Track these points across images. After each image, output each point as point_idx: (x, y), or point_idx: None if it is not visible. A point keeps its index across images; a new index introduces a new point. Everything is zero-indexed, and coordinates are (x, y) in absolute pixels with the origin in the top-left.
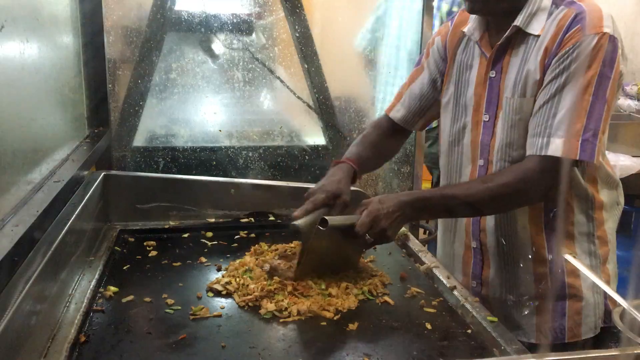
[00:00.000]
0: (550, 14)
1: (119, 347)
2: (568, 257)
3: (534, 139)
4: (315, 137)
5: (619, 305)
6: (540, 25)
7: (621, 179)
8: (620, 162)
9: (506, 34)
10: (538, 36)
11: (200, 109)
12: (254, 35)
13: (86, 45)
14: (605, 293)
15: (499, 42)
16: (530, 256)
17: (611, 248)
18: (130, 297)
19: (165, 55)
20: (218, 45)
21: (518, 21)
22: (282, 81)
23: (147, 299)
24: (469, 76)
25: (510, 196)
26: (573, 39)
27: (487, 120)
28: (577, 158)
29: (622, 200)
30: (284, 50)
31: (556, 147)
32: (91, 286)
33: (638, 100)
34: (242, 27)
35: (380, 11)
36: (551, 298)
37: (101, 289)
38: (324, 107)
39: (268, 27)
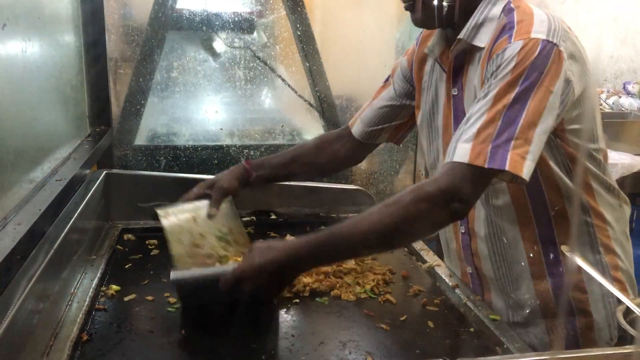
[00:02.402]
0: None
1: (121, 346)
2: (567, 253)
3: (449, 147)
4: (316, 135)
5: (623, 303)
6: (487, 36)
7: (622, 177)
8: (621, 161)
9: (452, 47)
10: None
11: (202, 108)
12: (255, 33)
13: (88, 43)
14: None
15: (451, 58)
16: (529, 275)
17: (622, 254)
18: (133, 296)
19: (167, 54)
20: (219, 43)
21: (462, 34)
22: (283, 80)
23: (149, 298)
24: (437, 96)
25: (413, 225)
26: (497, 49)
27: None
28: (486, 166)
29: (627, 208)
30: (285, 48)
31: (463, 152)
32: (93, 285)
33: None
34: (243, 25)
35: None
36: (559, 317)
37: (103, 288)
38: (326, 105)
39: (269, 26)
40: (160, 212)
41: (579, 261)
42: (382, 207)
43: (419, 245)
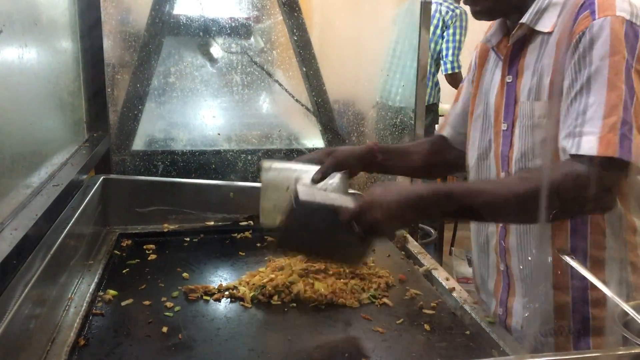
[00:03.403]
0: (562, 7)
1: (118, 351)
2: (565, 257)
3: (565, 142)
4: (313, 139)
5: (619, 306)
6: (552, 21)
7: None
8: None
9: (513, 32)
10: (550, 33)
11: (199, 113)
12: (252, 39)
13: (85, 49)
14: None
15: (510, 44)
16: (551, 283)
17: None
18: (130, 301)
19: (164, 60)
20: (216, 49)
21: (525, 18)
22: (280, 84)
23: (146, 303)
24: (492, 84)
25: (559, 198)
26: (582, 26)
27: (505, 129)
28: (617, 155)
29: None
30: (282, 53)
31: (591, 144)
32: (90, 290)
33: None
34: (240, 31)
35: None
36: (572, 332)
37: (100, 293)
38: (323, 110)
39: (266, 31)
40: (265, 164)
41: (575, 265)
42: (524, 174)
43: (416, 248)
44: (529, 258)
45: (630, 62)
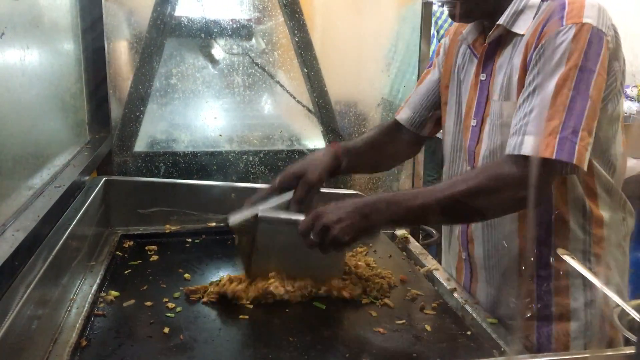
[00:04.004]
0: (538, 10)
1: (119, 351)
2: (566, 257)
3: (511, 139)
4: (315, 140)
5: (618, 305)
6: (527, 23)
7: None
8: None
9: (490, 33)
10: (523, 35)
11: (201, 114)
12: (253, 40)
13: (87, 51)
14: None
15: (486, 43)
16: (517, 272)
17: (615, 269)
18: (131, 302)
19: (166, 61)
20: (218, 50)
21: (502, 20)
22: (282, 86)
23: (148, 303)
24: (466, 80)
25: (483, 200)
26: (549, 31)
27: (474, 125)
28: (554, 157)
29: (631, 220)
30: (283, 54)
31: (531, 145)
32: (92, 291)
33: (638, 102)
34: (241, 32)
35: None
36: (536, 319)
37: (102, 294)
38: (324, 111)
39: (268, 32)
40: (230, 219)
41: (575, 264)
42: (454, 179)
43: (417, 249)
44: (495, 248)
45: (591, 68)
